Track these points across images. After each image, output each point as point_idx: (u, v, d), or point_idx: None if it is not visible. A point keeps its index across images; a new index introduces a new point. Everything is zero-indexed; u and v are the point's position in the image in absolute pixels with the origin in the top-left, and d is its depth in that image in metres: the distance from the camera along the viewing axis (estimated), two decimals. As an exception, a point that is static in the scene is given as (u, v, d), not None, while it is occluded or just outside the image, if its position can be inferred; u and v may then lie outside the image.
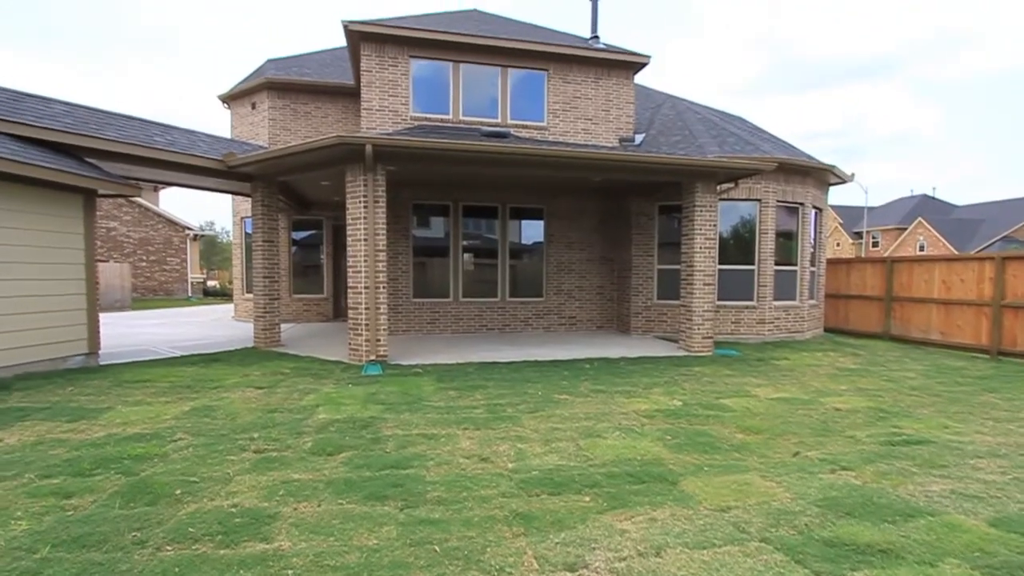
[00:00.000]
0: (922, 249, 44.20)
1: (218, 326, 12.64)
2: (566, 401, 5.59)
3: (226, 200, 21.94)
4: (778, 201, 10.51)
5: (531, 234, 11.57)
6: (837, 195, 56.66)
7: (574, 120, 11.07)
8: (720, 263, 9.96)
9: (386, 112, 10.19)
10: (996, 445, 4.41)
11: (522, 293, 11.36)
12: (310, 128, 13.09)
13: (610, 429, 4.66)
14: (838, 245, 52.19)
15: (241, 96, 13.56)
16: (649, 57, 11.13)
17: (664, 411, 5.27)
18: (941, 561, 2.63)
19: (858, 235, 51.37)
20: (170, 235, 24.16)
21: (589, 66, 11.07)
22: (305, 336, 10.58)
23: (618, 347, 9.23)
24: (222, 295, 25.47)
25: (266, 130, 12.95)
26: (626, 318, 11.13)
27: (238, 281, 14.61)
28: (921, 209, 49.27)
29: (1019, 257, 9.00)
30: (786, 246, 10.83)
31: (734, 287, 10.39)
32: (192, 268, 25.30)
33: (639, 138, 11.31)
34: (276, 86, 12.86)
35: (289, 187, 10.51)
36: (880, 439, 4.52)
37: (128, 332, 11.07)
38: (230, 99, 13.86)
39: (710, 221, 8.87)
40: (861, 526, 2.97)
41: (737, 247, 10.53)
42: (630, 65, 11.24)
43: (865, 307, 11.87)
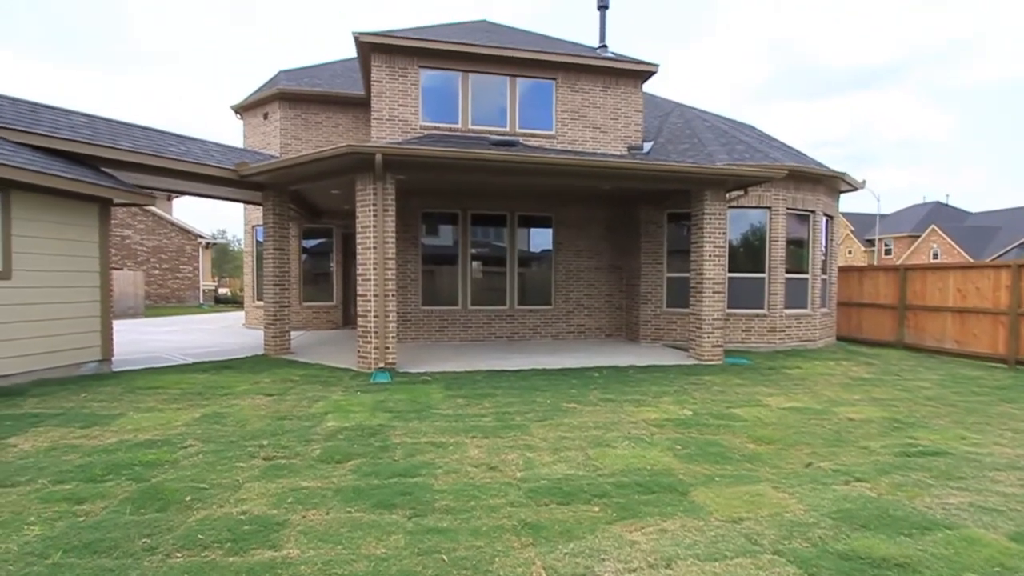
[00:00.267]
0: (936, 257, 43.63)
1: (229, 333, 12.75)
2: (575, 410, 5.56)
3: (238, 209, 22.23)
4: (788, 209, 10.44)
5: (540, 242, 11.58)
6: (848, 202, 56.25)
7: (582, 128, 11.10)
8: (730, 271, 9.89)
9: (396, 121, 10.29)
10: (1016, 457, 4.32)
11: (531, 301, 11.36)
12: (321, 138, 13.25)
13: (619, 438, 4.63)
14: (850, 253, 51.68)
15: (254, 107, 13.77)
16: (657, 66, 11.16)
17: (674, 420, 5.22)
18: (960, 576, 2.57)
19: (870, 243, 50.86)
20: (183, 243, 24.48)
21: (597, 75, 11.12)
22: (314, 343, 10.64)
23: (627, 355, 9.17)
24: (233, 303, 25.71)
25: (278, 140, 13.12)
26: (635, 326, 11.07)
27: (249, 289, 14.75)
28: (934, 216, 48.73)
29: (1036, 265, 8.85)
30: (797, 254, 10.75)
31: (744, 295, 10.31)
32: (204, 276, 25.59)
33: (647, 146, 11.32)
34: (288, 97, 13.05)
35: (300, 196, 10.62)
36: (895, 450, 4.44)
37: (141, 339, 11.20)
38: (243, 110, 14.07)
39: (720, 229, 8.82)
40: (877, 539, 2.91)
41: (747, 255, 10.47)
42: (638, 74, 11.27)
43: (878, 315, 11.72)
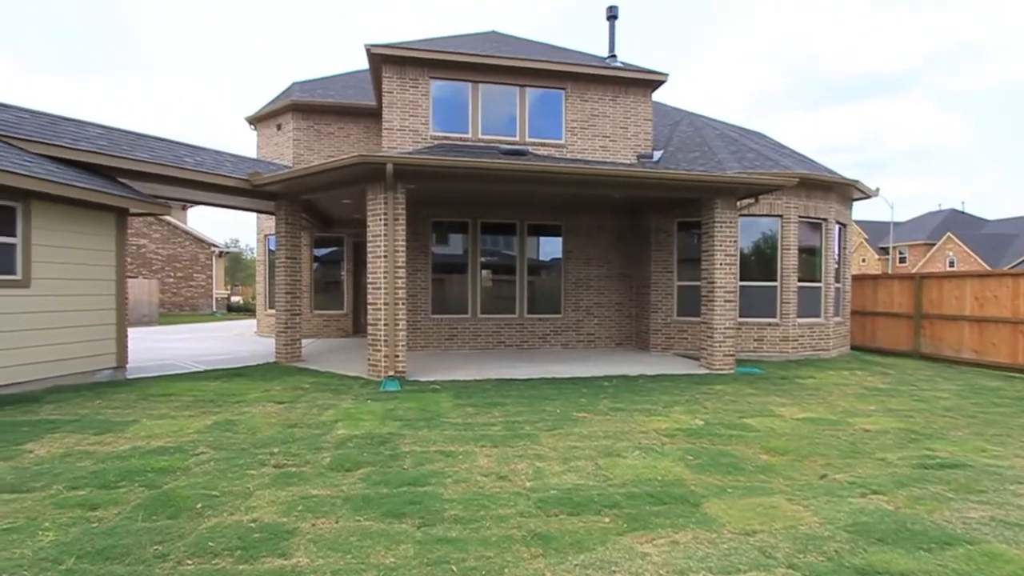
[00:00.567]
0: (952, 265, 42.98)
1: (241, 341, 12.87)
2: (585, 419, 5.52)
3: (251, 218, 22.49)
4: (800, 217, 10.36)
5: (549, 251, 11.58)
6: (861, 210, 55.59)
7: (592, 137, 11.13)
8: (741, 279, 9.81)
9: (407, 132, 10.39)
10: (1038, 470, 4.21)
11: (540, 310, 11.34)
12: (333, 148, 13.41)
13: (630, 448, 4.58)
14: (863, 261, 51.08)
15: (267, 117, 13.98)
16: (667, 75, 11.18)
17: (685, 430, 5.16)
18: (982, 592, 2.50)
19: (884, 250, 50.25)
20: (196, 252, 24.81)
21: (607, 84, 11.16)
22: (325, 351, 10.69)
23: (637, 364, 9.11)
24: (245, 311, 25.97)
25: (290, 150, 13.30)
26: (645, 335, 11.00)
27: (261, 297, 14.89)
28: (950, 224, 48.08)
29: (1056, 273, 8.68)
30: (809, 262, 10.64)
31: (756, 304, 10.22)
32: (217, 284, 25.90)
33: (657, 155, 11.31)
34: (301, 107, 13.24)
35: (312, 205, 10.74)
36: (912, 462, 4.35)
37: (154, 347, 11.33)
38: (257, 120, 14.30)
39: (731, 237, 8.77)
40: (894, 553, 2.85)
41: (759, 263, 10.38)
42: (648, 83, 11.30)
43: (893, 324, 11.55)
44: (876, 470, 4.16)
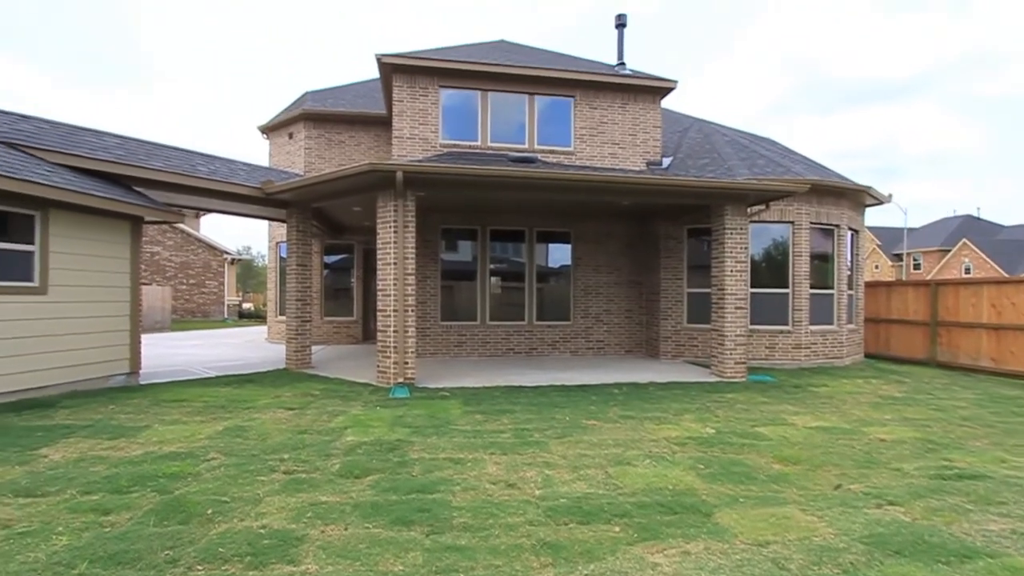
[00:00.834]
0: (968, 272, 42.32)
1: (252, 347, 12.97)
2: (594, 427, 5.48)
3: (262, 226, 22.76)
4: (812, 223, 10.27)
5: (558, 257, 11.57)
6: (874, 216, 55.01)
7: (601, 145, 11.14)
8: (752, 286, 9.74)
9: (416, 140, 10.47)
10: (1060, 482, 4.11)
11: (549, 317, 11.32)
12: (343, 156, 13.55)
13: (640, 456, 4.54)
14: (877, 268, 50.48)
15: (280, 127, 14.17)
16: (676, 82, 11.18)
17: (696, 439, 5.11)
18: (1003, 607, 2.44)
19: (898, 257, 49.65)
20: (209, 259, 25.12)
21: (615, 92, 11.18)
22: (335, 358, 10.74)
23: (647, 372, 9.05)
24: (256, 317, 26.19)
25: (302, 159, 13.46)
26: (655, 342, 10.93)
27: (272, 304, 15.02)
28: (965, 230, 47.41)
29: (1076, 280, 8.51)
30: (821, 269, 10.53)
31: (768, 311, 10.12)
32: (229, 291, 26.18)
33: (666, 161, 11.29)
34: (312, 117, 13.41)
35: (322, 213, 10.84)
36: (929, 472, 4.27)
37: (167, 352, 11.46)
38: (269, 130, 14.49)
39: (741, 244, 8.71)
40: (912, 566, 2.79)
41: (770, 270, 10.30)
42: (656, 90, 11.30)
43: (908, 332, 11.37)
44: (892, 480, 4.09)
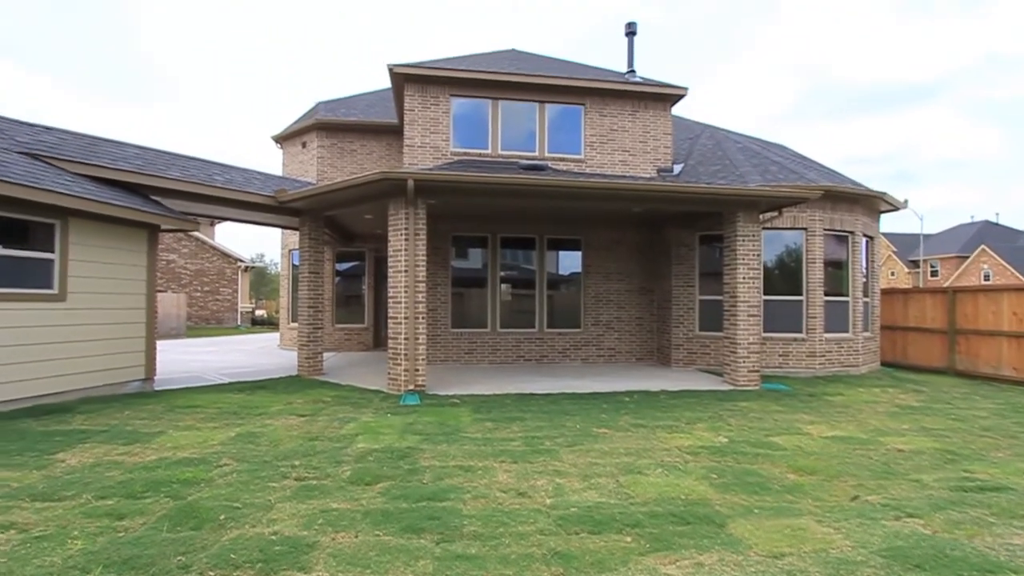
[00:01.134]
0: (987, 278, 41.52)
1: (264, 354, 13.09)
2: (605, 435, 5.44)
3: (275, 234, 23.02)
4: (825, 229, 10.16)
5: (569, 265, 11.56)
6: (890, 222, 54.44)
7: (611, 152, 11.15)
8: (766, 293, 9.64)
9: (427, 148, 10.55)
10: (1086, 494, 3.99)
11: (560, 324, 11.29)
12: (355, 165, 13.69)
13: (652, 465, 4.49)
14: (892, 275, 49.73)
15: (293, 136, 14.37)
16: (686, 89, 11.17)
17: (709, 448, 5.05)
18: (1029, 624, 2.36)
19: (914, 264, 48.89)
20: (223, 267, 25.45)
21: (626, 99, 11.20)
22: (346, 365, 10.80)
23: (659, 380, 8.97)
24: (269, 324, 26.45)
25: (314, 167, 13.62)
26: (667, 350, 10.85)
27: (284, 311, 15.16)
28: (983, 236, 46.59)
29: (1100, 287, 8.31)
30: (836, 276, 10.40)
31: (781, 319, 10.00)
32: (242, 298, 26.48)
33: (677, 168, 11.26)
34: (325, 126, 13.59)
35: (334, 221, 10.95)
36: (950, 484, 4.17)
37: (181, 359, 11.60)
38: (282, 139, 14.70)
39: (754, 251, 8.64)
40: (933, 581, 2.72)
41: (783, 277, 10.19)
42: (667, 97, 11.30)
43: (925, 340, 11.17)
44: (911, 492, 4.00)
